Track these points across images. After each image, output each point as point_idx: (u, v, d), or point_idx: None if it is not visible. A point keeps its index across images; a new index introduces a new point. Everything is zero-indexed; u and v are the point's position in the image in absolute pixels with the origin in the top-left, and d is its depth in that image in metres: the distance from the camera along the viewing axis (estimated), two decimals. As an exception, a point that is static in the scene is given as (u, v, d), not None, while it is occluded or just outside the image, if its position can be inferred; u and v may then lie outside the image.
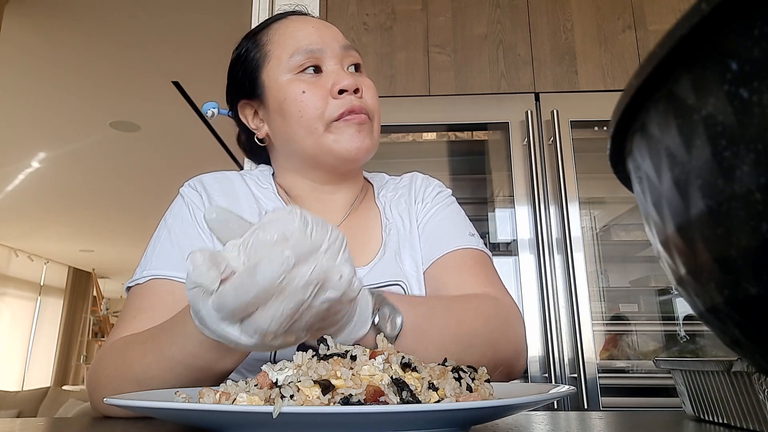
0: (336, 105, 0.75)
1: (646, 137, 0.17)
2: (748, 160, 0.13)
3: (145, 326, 0.62)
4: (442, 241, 0.80)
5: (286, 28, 0.81)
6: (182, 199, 0.79)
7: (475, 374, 0.46)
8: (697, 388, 0.55)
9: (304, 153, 0.78)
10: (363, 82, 0.80)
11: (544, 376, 1.72)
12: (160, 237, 0.74)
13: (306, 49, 0.78)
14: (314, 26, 0.81)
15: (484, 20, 2.03)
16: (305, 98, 0.76)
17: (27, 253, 7.83)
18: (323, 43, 0.79)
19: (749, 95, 0.13)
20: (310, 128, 0.76)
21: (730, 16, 0.13)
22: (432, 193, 0.87)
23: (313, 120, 0.75)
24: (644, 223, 0.20)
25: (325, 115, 0.75)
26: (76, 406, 4.69)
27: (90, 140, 4.34)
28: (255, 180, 0.85)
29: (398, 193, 0.89)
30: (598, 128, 1.96)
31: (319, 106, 0.75)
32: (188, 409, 0.36)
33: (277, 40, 0.81)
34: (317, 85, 0.76)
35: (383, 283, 0.76)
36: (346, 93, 0.76)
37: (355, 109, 0.76)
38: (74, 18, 2.94)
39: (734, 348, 0.17)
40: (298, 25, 0.81)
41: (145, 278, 0.69)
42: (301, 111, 0.76)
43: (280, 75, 0.78)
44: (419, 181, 0.90)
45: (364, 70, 0.84)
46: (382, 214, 0.85)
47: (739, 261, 0.14)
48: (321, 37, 0.79)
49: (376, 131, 0.80)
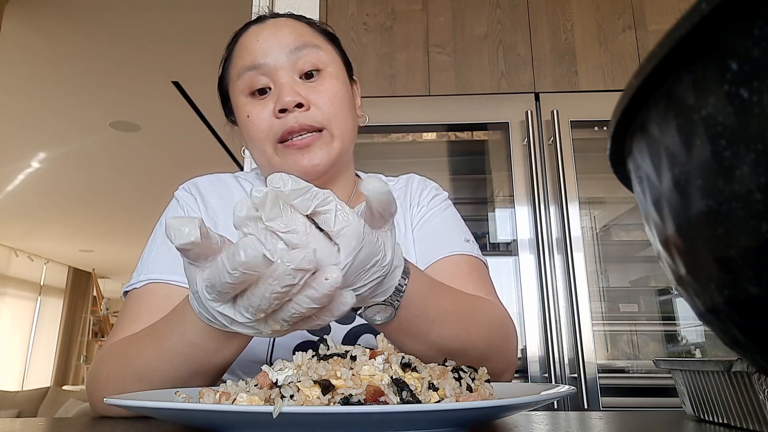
0: (277, 125, 0.73)
1: (646, 137, 0.17)
2: (748, 160, 0.13)
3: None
4: (437, 245, 0.78)
5: (240, 44, 0.79)
6: (177, 202, 0.79)
7: (475, 374, 0.46)
8: (697, 388, 0.55)
9: (265, 172, 0.79)
10: (316, 88, 0.75)
11: (544, 376, 1.72)
12: (156, 240, 0.74)
13: (247, 67, 0.75)
14: (259, 38, 0.76)
15: (484, 20, 2.03)
16: (250, 123, 0.75)
17: (27, 253, 7.83)
18: (266, 55, 0.74)
19: (749, 95, 0.13)
20: (262, 150, 0.75)
21: (730, 16, 0.13)
22: (428, 197, 0.86)
23: (261, 143, 0.75)
24: (644, 223, 0.20)
25: (270, 137, 0.74)
26: (76, 406, 4.69)
27: (90, 140, 4.34)
28: (250, 182, 0.85)
29: (393, 194, 0.88)
30: (598, 128, 1.96)
31: (262, 129, 0.74)
32: (188, 409, 0.36)
33: (233, 57, 0.79)
34: (262, 107, 0.74)
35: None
36: (286, 112, 0.72)
37: (294, 129, 0.72)
38: (74, 18, 2.94)
39: (734, 348, 0.17)
40: (249, 39, 0.78)
41: (142, 282, 0.70)
42: (250, 135, 0.76)
43: (237, 96, 0.77)
44: (416, 184, 0.89)
45: (326, 70, 0.77)
46: None
47: (739, 261, 0.14)
48: (263, 50, 0.75)
49: (337, 137, 0.75)
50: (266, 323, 0.44)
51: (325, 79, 0.77)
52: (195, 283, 0.44)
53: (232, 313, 0.44)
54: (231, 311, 0.44)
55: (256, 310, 0.42)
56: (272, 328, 0.44)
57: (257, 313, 0.42)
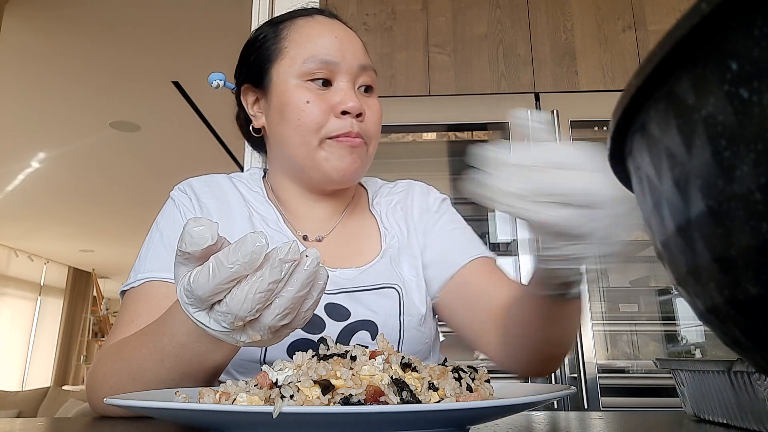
0: (335, 124, 0.74)
1: (646, 137, 0.17)
2: (748, 160, 0.13)
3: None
4: (462, 249, 0.81)
5: (310, 29, 0.79)
6: (173, 202, 0.79)
7: (475, 374, 0.46)
8: (697, 388, 0.55)
9: (293, 160, 0.78)
10: (370, 105, 0.79)
11: (544, 376, 1.72)
12: (153, 240, 0.74)
13: (321, 59, 0.76)
14: (337, 36, 0.78)
15: (484, 20, 2.03)
16: (307, 109, 0.74)
17: (27, 253, 7.83)
18: (341, 57, 0.76)
19: (749, 95, 0.13)
20: (305, 139, 0.75)
21: (730, 16, 0.13)
22: (436, 202, 0.88)
23: (309, 132, 0.75)
24: (644, 223, 0.20)
25: (322, 130, 0.74)
26: (76, 406, 4.69)
27: (90, 140, 4.34)
28: (245, 183, 0.85)
29: (393, 200, 0.88)
30: (598, 128, 1.96)
31: (318, 120, 0.74)
32: (188, 409, 0.36)
33: (296, 38, 0.78)
34: (322, 99, 0.75)
35: (378, 285, 0.76)
36: (348, 115, 0.75)
37: (351, 133, 0.75)
38: (74, 18, 2.94)
39: (734, 348, 0.17)
40: (322, 30, 0.79)
41: (140, 281, 0.70)
42: (300, 120, 0.75)
43: (290, 77, 0.76)
44: (418, 189, 0.90)
45: (375, 91, 0.82)
46: (379, 223, 0.85)
47: (739, 261, 0.14)
48: (341, 50, 0.77)
49: (370, 155, 0.80)
50: (243, 332, 0.45)
51: (374, 99, 0.81)
52: (179, 284, 0.45)
53: (207, 320, 0.45)
54: (206, 319, 0.45)
55: (235, 318, 0.43)
56: (251, 338, 0.45)
57: (236, 321, 0.43)
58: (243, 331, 0.45)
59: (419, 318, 0.76)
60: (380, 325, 0.73)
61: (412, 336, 0.75)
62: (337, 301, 0.73)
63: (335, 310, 0.72)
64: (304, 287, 0.44)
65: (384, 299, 0.75)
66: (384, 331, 0.72)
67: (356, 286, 0.75)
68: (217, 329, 0.45)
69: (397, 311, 0.75)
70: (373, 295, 0.75)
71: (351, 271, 0.77)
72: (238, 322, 0.44)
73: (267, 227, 0.78)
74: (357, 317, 0.72)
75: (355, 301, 0.74)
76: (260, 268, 0.41)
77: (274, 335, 0.47)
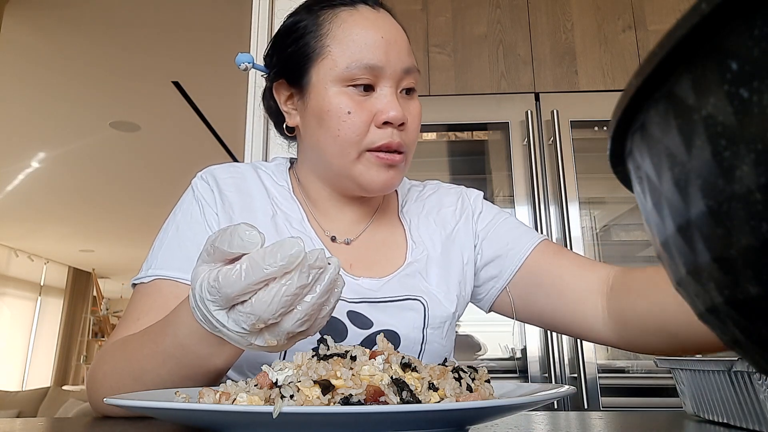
0: (376, 135, 0.71)
1: (646, 137, 0.17)
2: (748, 160, 0.13)
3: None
4: (521, 239, 0.81)
5: (353, 25, 0.73)
6: (193, 193, 0.76)
7: (475, 374, 0.46)
8: (698, 388, 0.55)
9: (329, 167, 0.75)
10: (411, 110, 0.75)
11: (544, 376, 1.72)
12: (167, 234, 0.72)
13: (365, 65, 0.71)
14: (384, 36, 0.73)
15: (484, 20, 2.03)
16: (348, 119, 0.70)
17: (27, 253, 7.83)
18: (386, 61, 0.71)
19: (749, 95, 0.13)
20: (344, 150, 0.71)
21: (730, 16, 0.13)
22: (477, 202, 0.87)
23: (349, 144, 0.71)
24: (644, 223, 0.20)
25: (362, 142, 0.71)
26: (76, 406, 4.69)
27: (90, 140, 4.34)
28: (270, 175, 0.81)
29: (425, 208, 0.85)
30: (598, 128, 1.96)
31: (359, 132, 0.70)
32: (188, 409, 0.36)
33: (339, 36, 0.72)
34: (363, 108, 0.71)
35: (401, 296, 0.74)
36: (389, 125, 0.71)
37: (392, 145, 0.71)
38: (74, 18, 2.94)
39: (734, 348, 0.17)
40: (367, 28, 0.73)
41: (150, 278, 0.68)
42: (341, 130, 0.71)
43: (330, 82, 0.71)
44: (454, 195, 0.88)
45: (416, 92, 0.78)
46: (408, 235, 0.82)
47: (739, 261, 0.14)
48: (386, 53, 0.72)
49: (408, 164, 0.77)
50: (260, 335, 0.45)
51: (415, 101, 0.77)
52: (201, 280, 0.45)
53: (225, 320, 0.45)
54: (225, 318, 0.45)
55: (258, 319, 0.43)
56: (267, 342, 0.45)
57: (257, 323, 0.44)
58: (260, 335, 0.45)
59: (443, 330, 0.75)
60: (402, 337, 0.71)
61: (433, 349, 0.74)
62: (359, 310, 0.71)
63: (357, 318, 0.71)
64: (325, 294, 0.45)
65: (407, 311, 0.73)
66: (405, 343, 0.71)
67: (379, 297, 0.73)
68: (234, 329, 0.45)
69: (420, 324, 0.73)
70: (396, 307, 0.73)
71: (375, 281, 0.74)
72: (260, 324, 0.44)
73: (290, 227, 0.76)
74: (379, 326, 0.71)
75: (378, 311, 0.72)
76: (289, 272, 0.42)
77: (289, 341, 0.47)
